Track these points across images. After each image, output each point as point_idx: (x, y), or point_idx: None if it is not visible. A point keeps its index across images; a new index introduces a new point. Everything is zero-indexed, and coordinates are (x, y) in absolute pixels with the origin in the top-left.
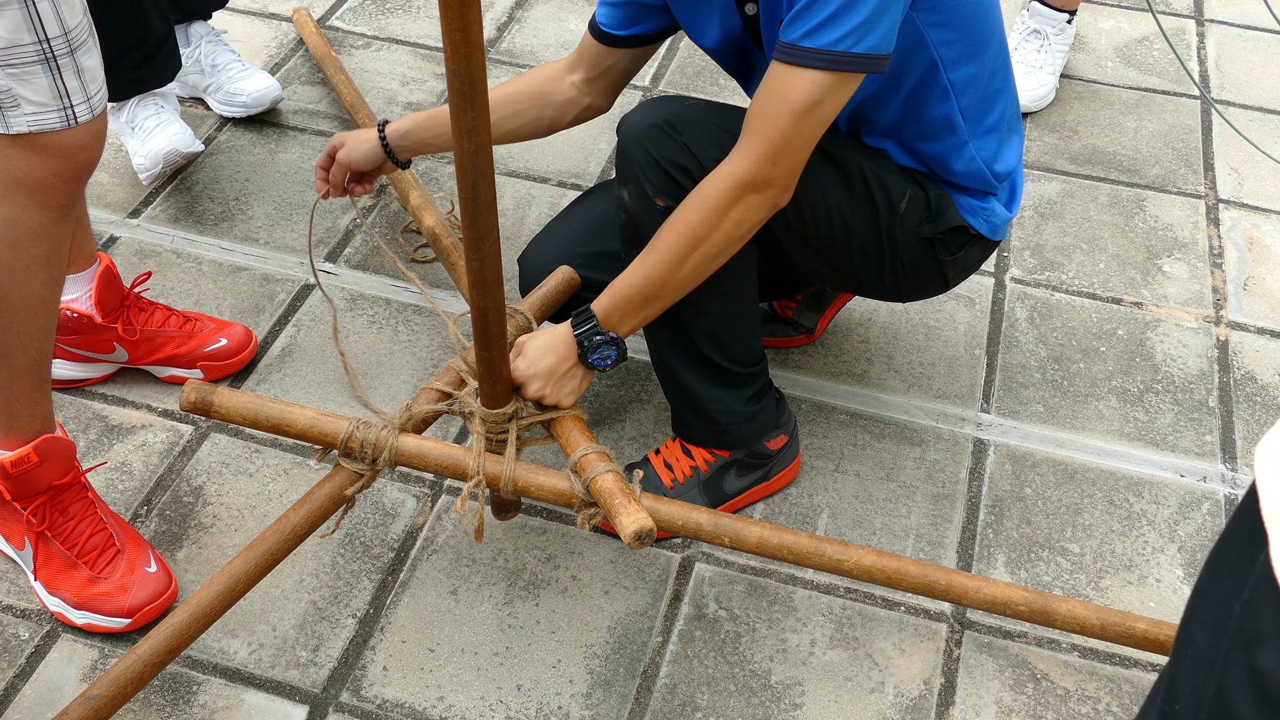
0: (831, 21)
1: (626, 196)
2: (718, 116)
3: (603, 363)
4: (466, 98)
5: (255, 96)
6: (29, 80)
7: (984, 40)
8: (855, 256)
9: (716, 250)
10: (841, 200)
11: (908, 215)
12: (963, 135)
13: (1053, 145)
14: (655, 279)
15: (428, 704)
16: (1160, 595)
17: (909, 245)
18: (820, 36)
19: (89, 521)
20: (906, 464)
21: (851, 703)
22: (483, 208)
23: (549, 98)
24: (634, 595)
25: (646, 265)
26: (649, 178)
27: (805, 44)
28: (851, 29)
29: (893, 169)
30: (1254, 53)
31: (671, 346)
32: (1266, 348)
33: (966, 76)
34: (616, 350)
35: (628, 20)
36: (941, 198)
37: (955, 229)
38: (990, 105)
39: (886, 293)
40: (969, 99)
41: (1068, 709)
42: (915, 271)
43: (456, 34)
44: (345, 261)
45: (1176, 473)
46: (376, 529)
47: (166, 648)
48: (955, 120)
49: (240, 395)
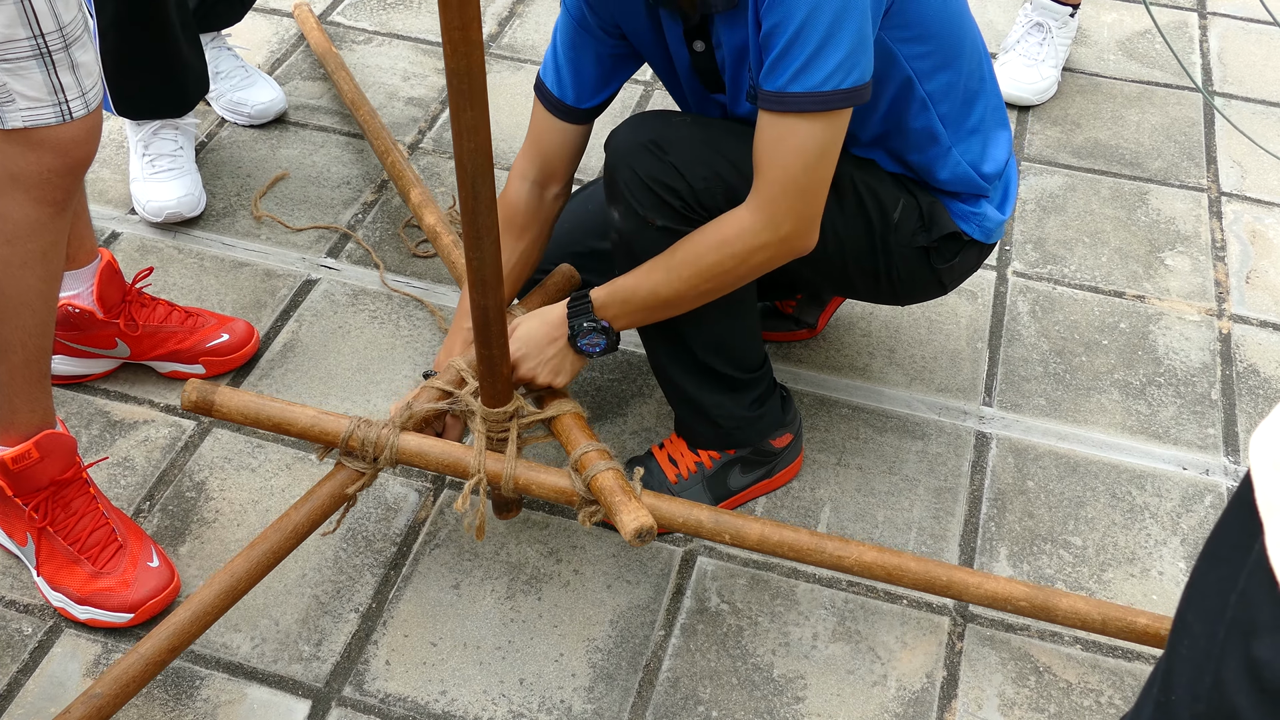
0: (814, 62)
1: (617, 217)
2: (705, 133)
3: (591, 349)
4: (466, 96)
5: (259, 109)
6: (24, 75)
7: (956, 47)
8: (850, 268)
9: (729, 286)
10: (834, 214)
11: (901, 225)
12: (945, 142)
13: (1055, 138)
14: (662, 296)
15: (430, 698)
16: (1163, 588)
17: (904, 254)
18: (806, 79)
19: (91, 517)
20: (909, 458)
21: (854, 696)
22: (483, 206)
23: (543, 233)
24: (636, 589)
25: (655, 280)
26: (638, 198)
27: (793, 89)
28: (835, 66)
29: (884, 178)
30: (1256, 45)
31: (671, 356)
32: (1269, 340)
33: (943, 85)
34: (606, 340)
35: (602, 80)
36: (934, 205)
37: (949, 236)
38: (969, 108)
39: (884, 298)
40: (947, 106)
41: (1070, 702)
42: (911, 279)
43: (456, 32)
44: (347, 257)
45: (1179, 465)
46: (379, 523)
47: (168, 646)
48: (936, 129)
49: (241, 395)
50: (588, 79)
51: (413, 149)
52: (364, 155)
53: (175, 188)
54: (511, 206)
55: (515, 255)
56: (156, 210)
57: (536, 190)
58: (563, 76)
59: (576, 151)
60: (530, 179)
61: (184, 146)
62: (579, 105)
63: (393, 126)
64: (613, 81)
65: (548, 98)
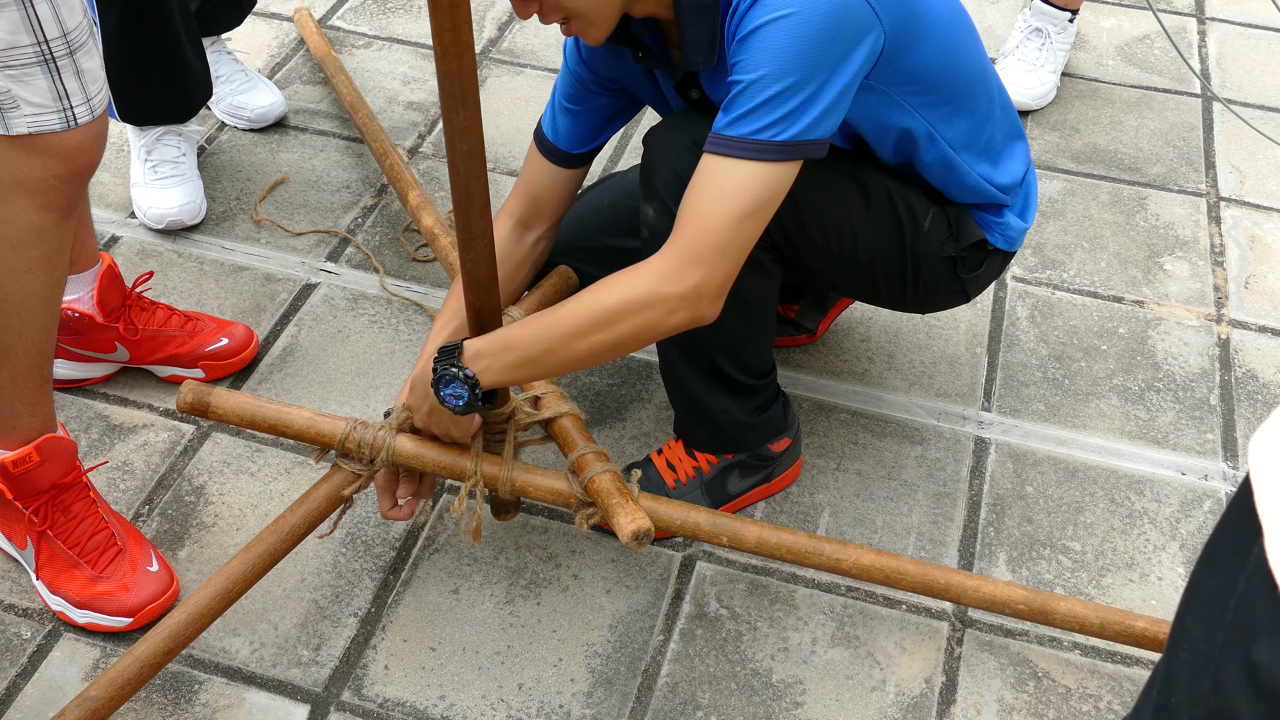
0: (759, 111)
1: (652, 214)
2: None
3: (454, 400)
4: (458, 98)
5: (260, 113)
6: (28, 82)
7: (959, 88)
8: (879, 275)
9: (616, 344)
10: (865, 220)
11: (931, 234)
12: (961, 165)
13: (1054, 144)
14: (543, 343)
15: (429, 703)
16: (1162, 593)
17: (931, 263)
18: (745, 125)
19: (90, 521)
20: (908, 462)
21: (852, 701)
22: (476, 208)
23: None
24: (635, 594)
25: (540, 325)
26: (675, 197)
27: (729, 133)
28: (780, 118)
29: (915, 188)
30: (1255, 51)
31: (685, 356)
32: (1268, 346)
33: (948, 120)
34: (469, 394)
35: (595, 130)
36: (961, 214)
37: (975, 245)
38: (978, 132)
39: (908, 306)
40: (955, 133)
41: (1069, 707)
42: (937, 287)
43: (446, 35)
44: (346, 261)
45: (1178, 471)
46: (378, 528)
47: (164, 648)
48: (949, 156)
49: (237, 396)
50: (582, 129)
51: (412, 153)
52: (363, 159)
53: (177, 195)
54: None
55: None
56: (158, 217)
57: (519, 230)
58: (559, 125)
59: (564, 197)
60: (516, 217)
61: (186, 153)
62: (571, 151)
63: (392, 131)
64: (605, 132)
65: (543, 143)
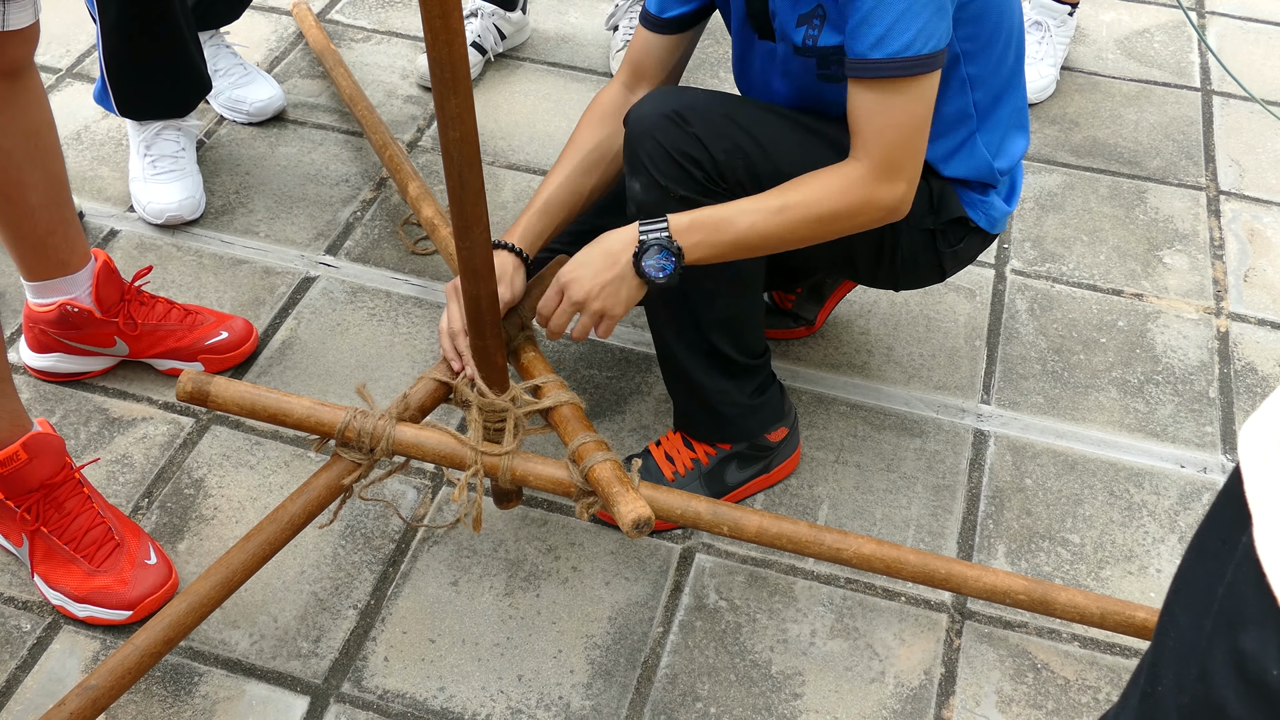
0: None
1: (639, 188)
2: (726, 107)
3: (655, 272)
4: (449, 85)
5: (259, 106)
6: None
7: (1000, 35)
8: (856, 244)
9: (823, 238)
10: None
11: (912, 205)
12: (972, 126)
13: (1053, 137)
14: (759, 233)
15: (429, 694)
16: (1161, 586)
17: (910, 235)
18: (889, 44)
19: (86, 516)
20: (907, 455)
21: (852, 693)
22: (470, 195)
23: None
24: (634, 586)
25: (756, 216)
26: (660, 169)
27: (876, 55)
28: (916, 32)
29: None
30: (1255, 45)
31: (681, 336)
32: (1267, 339)
33: (982, 70)
34: (673, 265)
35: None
36: (944, 189)
37: (956, 221)
38: (999, 102)
39: (882, 280)
40: (982, 92)
41: (1068, 698)
42: (914, 261)
43: (436, 20)
44: (346, 254)
45: (1177, 463)
46: (377, 520)
47: (164, 638)
48: (969, 112)
49: (236, 385)
50: None
51: (411, 147)
52: (362, 153)
53: (176, 190)
54: (600, 102)
55: (592, 142)
56: (157, 212)
57: (624, 91)
58: None
59: (661, 61)
60: (621, 81)
61: (186, 147)
62: (660, 15)
63: (391, 124)
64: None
65: (644, 14)
